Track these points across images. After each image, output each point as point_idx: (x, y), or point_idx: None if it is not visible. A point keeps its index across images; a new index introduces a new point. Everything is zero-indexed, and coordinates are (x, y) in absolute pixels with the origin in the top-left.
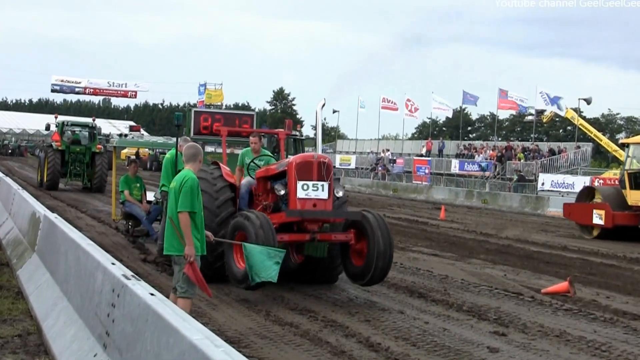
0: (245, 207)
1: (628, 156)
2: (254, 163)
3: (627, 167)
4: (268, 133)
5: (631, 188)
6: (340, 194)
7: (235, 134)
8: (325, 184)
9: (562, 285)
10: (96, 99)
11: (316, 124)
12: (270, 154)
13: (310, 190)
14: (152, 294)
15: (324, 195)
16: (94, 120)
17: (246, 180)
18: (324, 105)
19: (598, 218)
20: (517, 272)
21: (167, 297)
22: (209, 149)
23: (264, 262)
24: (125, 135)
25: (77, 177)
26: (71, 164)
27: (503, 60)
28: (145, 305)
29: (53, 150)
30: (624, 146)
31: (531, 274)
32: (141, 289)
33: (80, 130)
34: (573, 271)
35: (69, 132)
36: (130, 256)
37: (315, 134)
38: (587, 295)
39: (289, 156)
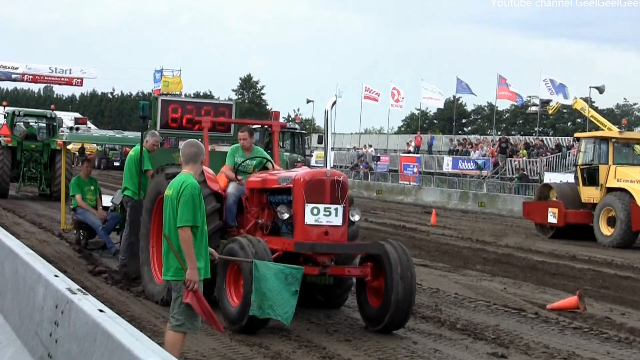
0: (233, 221)
1: (580, 151)
2: (245, 163)
3: (579, 162)
4: (260, 125)
5: (584, 184)
6: (356, 217)
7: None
8: (340, 208)
9: (571, 300)
10: (36, 87)
11: (325, 128)
12: (265, 153)
13: (322, 215)
14: (101, 311)
15: (337, 221)
16: (53, 109)
17: (234, 187)
18: (334, 103)
19: (552, 217)
20: (518, 285)
21: (119, 313)
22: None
23: (281, 292)
24: (77, 129)
25: (33, 181)
26: (25, 164)
27: (503, 42)
28: (93, 324)
29: (1, 147)
30: (577, 140)
31: (535, 287)
32: (89, 304)
33: (35, 122)
34: (583, 284)
35: (22, 124)
36: (76, 267)
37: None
38: (599, 311)
39: (286, 155)
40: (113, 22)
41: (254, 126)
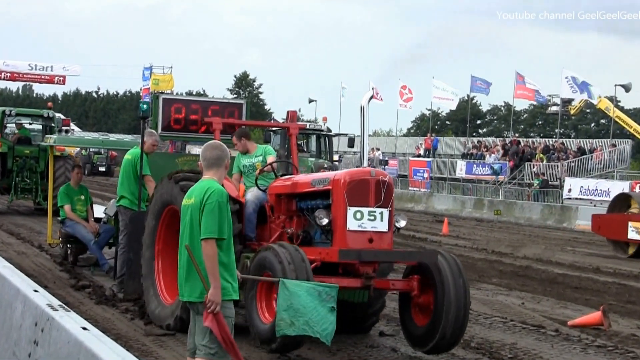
0: (253, 232)
1: None
2: (251, 163)
3: None
4: (279, 127)
5: None
6: (402, 223)
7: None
8: (385, 212)
9: (594, 316)
10: (14, 86)
11: (361, 125)
12: (270, 149)
13: (366, 220)
14: (84, 328)
15: (383, 227)
16: (50, 107)
17: (252, 195)
18: (371, 97)
19: (634, 232)
20: (537, 299)
21: (104, 331)
22: (195, 150)
23: (317, 308)
24: (66, 132)
25: (27, 193)
26: (17, 173)
27: (521, 36)
28: (76, 342)
29: None
30: None
31: (555, 302)
32: (71, 322)
33: (30, 123)
34: (607, 299)
35: (14, 126)
36: (57, 282)
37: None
38: (624, 328)
39: (310, 160)
40: (98, 14)
41: (273, 128)
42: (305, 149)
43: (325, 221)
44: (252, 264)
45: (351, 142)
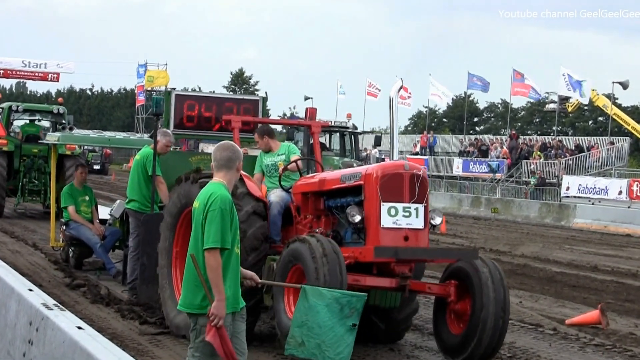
0: (278, 235)
1: None
2: (274, 162)
3: None
4: (300, 125)
5: None
6: (438, 220)
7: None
8: (421, 207)
9: (592, 314)
10: (7, 83)
11: (390, 117)
12: (294, 147)
13: (400, 217)
14: (79, 328)
15: (418, 223)
16: (61, 103)
17: (276, 196)
18: (401, 87)
19: None
20: (535, 298)
21: (99, 331)
22: (209, 148)
23: (334, 327)
24: (71, 129)
25: (35, 195)
26: (24, 174)
27: (519, 32)
28: (71, 342)
29: None
30: None
31: (553, 301)
32: (66, 321)
33: (39, 120)
34: (605, 297)
35: (21, 122)
36: (52, 281)
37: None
38: (622, 327)
39: (336, 159)
40: (92, 11)
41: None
42: (329, 147)
43: (357, 218)
44: (283, 254)
45: (378, 141)
